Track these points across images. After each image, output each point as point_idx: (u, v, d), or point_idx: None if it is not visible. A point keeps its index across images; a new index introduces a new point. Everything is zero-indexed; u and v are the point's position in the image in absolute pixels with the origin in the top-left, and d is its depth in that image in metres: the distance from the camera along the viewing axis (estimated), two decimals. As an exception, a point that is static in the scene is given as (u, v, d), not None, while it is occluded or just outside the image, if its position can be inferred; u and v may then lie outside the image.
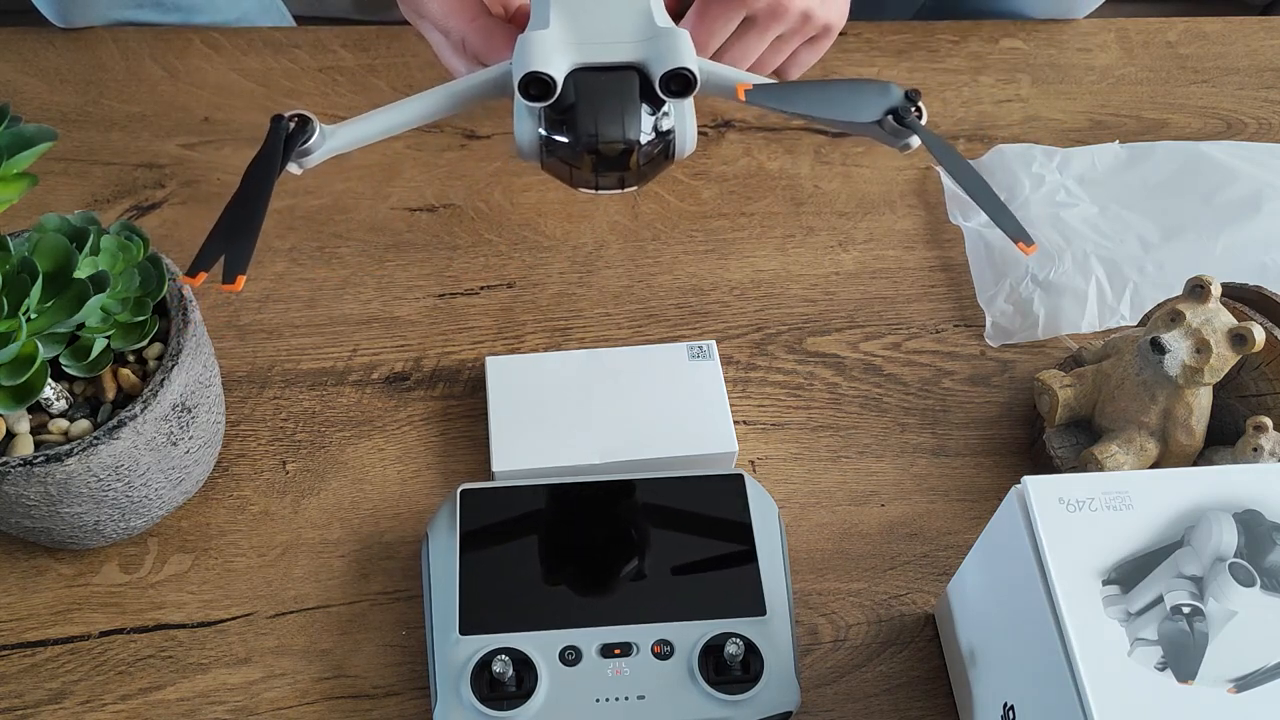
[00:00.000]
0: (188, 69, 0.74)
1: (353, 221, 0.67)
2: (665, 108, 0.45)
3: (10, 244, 0.45)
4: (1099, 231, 0.67)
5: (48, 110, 0.71)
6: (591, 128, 0.43)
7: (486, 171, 0.70)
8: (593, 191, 0.46)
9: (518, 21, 0.57)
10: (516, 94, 0.43)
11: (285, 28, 0.77)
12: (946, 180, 0.70)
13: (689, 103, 0.45)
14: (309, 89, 0.73)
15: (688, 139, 0.46)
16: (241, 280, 0.40)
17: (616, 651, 0.48)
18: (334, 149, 0.46)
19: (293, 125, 0.44)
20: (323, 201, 0.68)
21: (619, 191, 0.46)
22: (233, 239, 0.41)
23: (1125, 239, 0.67)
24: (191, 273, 0.40)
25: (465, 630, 0.48)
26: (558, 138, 0.44)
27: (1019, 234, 0.43)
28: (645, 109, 0.44)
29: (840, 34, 0.79)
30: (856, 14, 0.87)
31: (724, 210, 0.69)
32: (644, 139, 0.44)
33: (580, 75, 0.43)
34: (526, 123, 0.45)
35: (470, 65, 0.56)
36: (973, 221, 0.68)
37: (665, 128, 0.45)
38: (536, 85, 0.43)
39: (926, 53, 0.79)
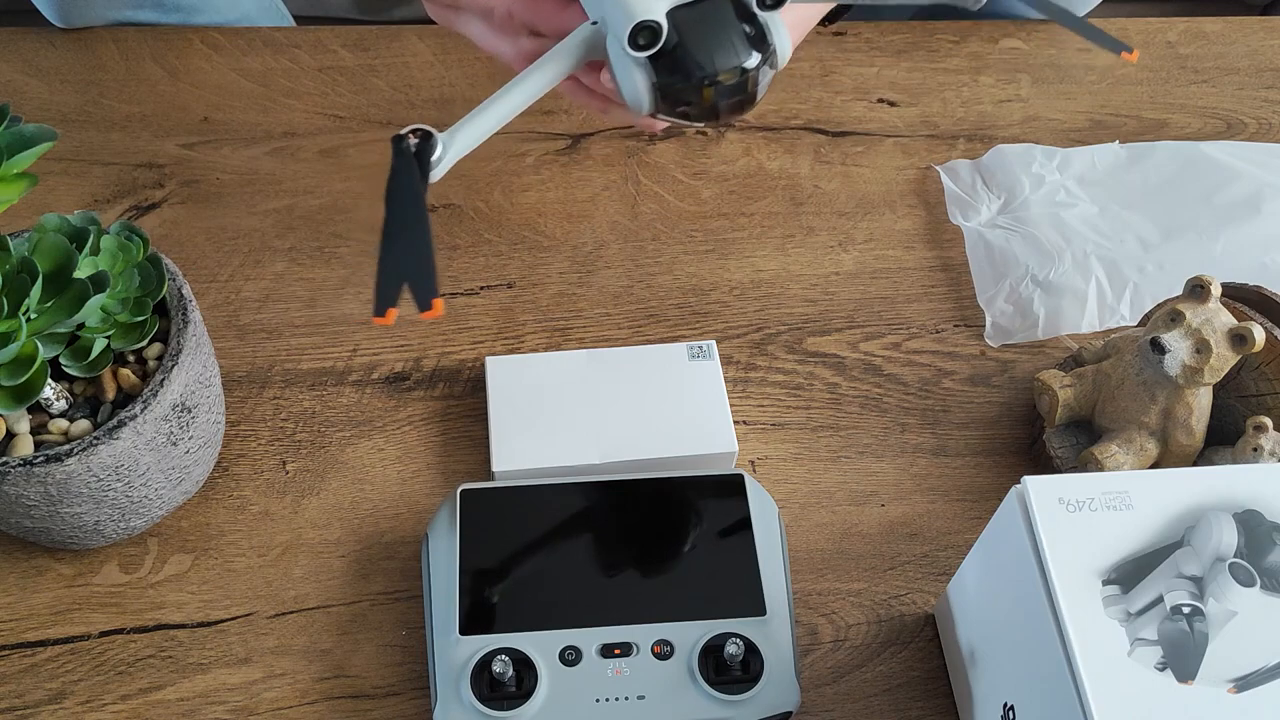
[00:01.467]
0: (188, 69, 0.74)
1: (353, 221, 0.67)
2: (760, 22, 0.45)
3: (10, 244, 0.45)
4: (1099, 231, 0.67)
5: (48, 110, 0.71)
6: (707, 62, 0.43)
7: (486, 171, 0.70)
8: (709, 124, 0.46)
9: None
10: (623, 49, 0.43)
11: (285, 28, 0.77)
12: (946, 180, 0.70)
13: (779, 15, 0.45)
14: (309, 89, 0.73)
15: (786, 49, 0.46)
16: (440, 304, 0.37)
17: (616, 651, 0.48)
18: (456, 156, 0.45)
19: (415, 141, 0.43)
20: (323, 201, 0.68)
21: (734, 120, 0.46)
22: (412, 266, 0.38)
23: (1125, 239, 0.67)
24: (380, 311, 0.37)
25: (465, 630, 0.48)
26: (673, 81, 0.44)
27: (1117, 45, 0.42)
28: (745, 29, 0.44)
29: (840, 34, 0.79)
30: (856, 14, 0.87)
31: (724, 210, 0.69)
32: (754, 59, 0.44)
33: (677, 14, 0.43)
34: (635, 75, 0.44)
35: (517, 41, 0.55)
36: (973, 221, 0.68)
37: (766, 43, 0.45)
38: (645, 34, 0.42)
39: (926, 53, 0.79)
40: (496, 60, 0.55)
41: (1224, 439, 0.55)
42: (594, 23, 0.45)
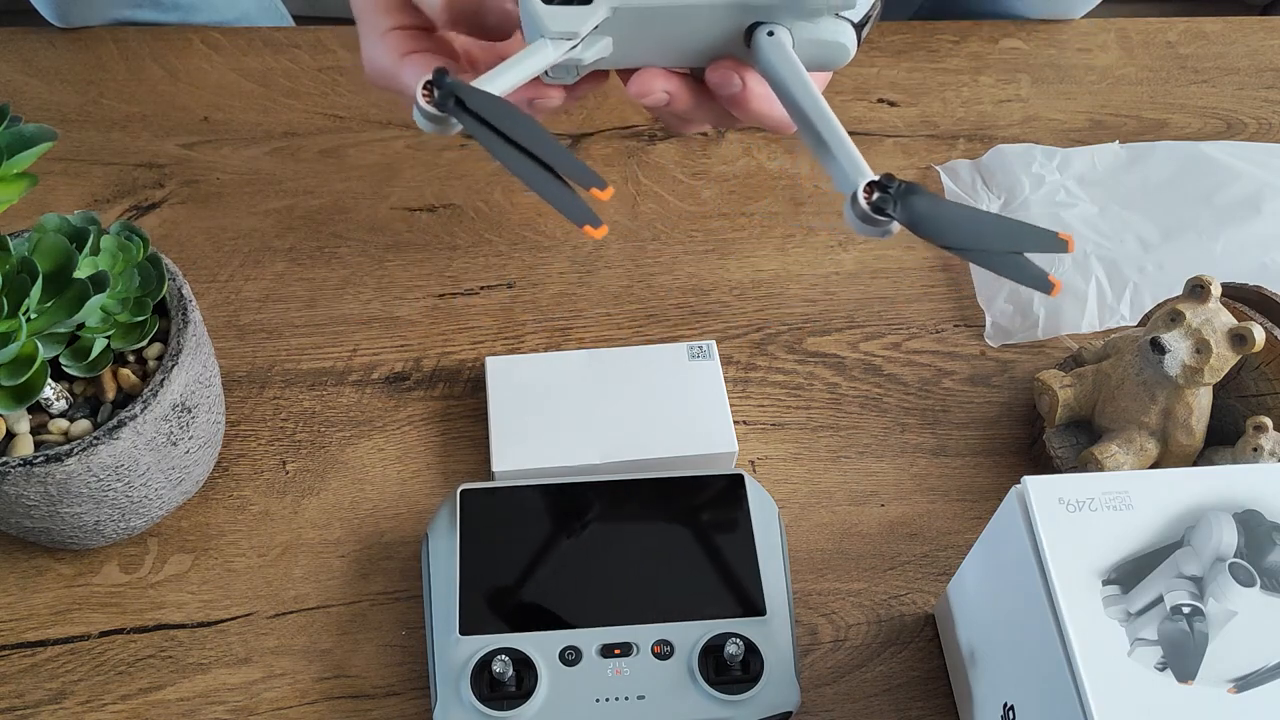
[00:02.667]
0: (188, 69, 0.74)
1: (353, 221, 0.67)
2: None
3: (10, 244, 0.45)
4: (1099, 231, 0.67)
5: (48, 110, 0.71)
6: None
7: (486, 171, 0.70)
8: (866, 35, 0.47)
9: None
10: (837, 18, 0.43)
11: (285, 28, 0.77)
12: (946, 180, 0.70)
13: None
14: (309, 89, 0.73)
15: None
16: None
17: (616, 651, 0.48)
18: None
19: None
20: (323, 201, 0.68)
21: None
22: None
23: (1125, 239, 0.67)
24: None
25: (465, 630, 0.48)
26: (869, 14, 0.45)
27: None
28: None
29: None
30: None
31: (724, 210, 0.69)
32: None
33: None
34: (849, 32, 0.45)
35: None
36: (973, 221, 0.67)
37: None
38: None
39: (926, 53, 0.79)
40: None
41: (1224, 439, 0.55)
42: (770, 33, 0.44)
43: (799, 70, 0.43)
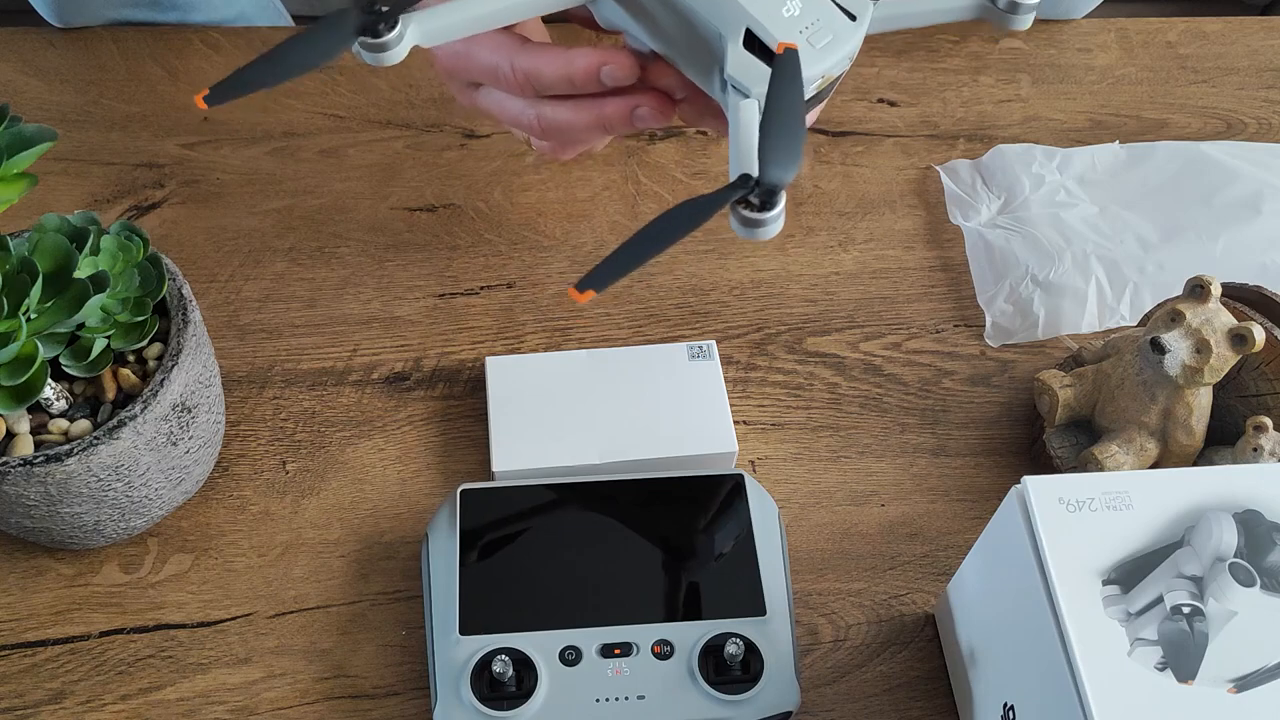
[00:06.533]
0: (188, 69, 0.74)
1: (353, 221, 0.67)
2: None
3: (10, 244, 0.45)
4: (1099, 231, 0.67)
5: (48, 110, 0.71)
6: None
7: (486, 171, 0.70)
8: None
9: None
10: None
11: (285, 27, 0.77)
12: (946, 180, 0.70)
13: None
14: (309, 89, 0.73)
15: None
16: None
17: (616, 651, 0.48)
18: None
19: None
20: (323, 201, 0.68)
21: None
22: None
23: (1125, 239, 0.67)
24: None
25: (465, 630, 0.49)
26: None
27: None
28: None
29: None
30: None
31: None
32: None
33: None
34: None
35: (537, 104, 0.50)
36: (973, 221, 0.68)
37: None
38: None
39: (926, 53, 0.79)
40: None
41: (1224, 439, 0.55)
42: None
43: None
